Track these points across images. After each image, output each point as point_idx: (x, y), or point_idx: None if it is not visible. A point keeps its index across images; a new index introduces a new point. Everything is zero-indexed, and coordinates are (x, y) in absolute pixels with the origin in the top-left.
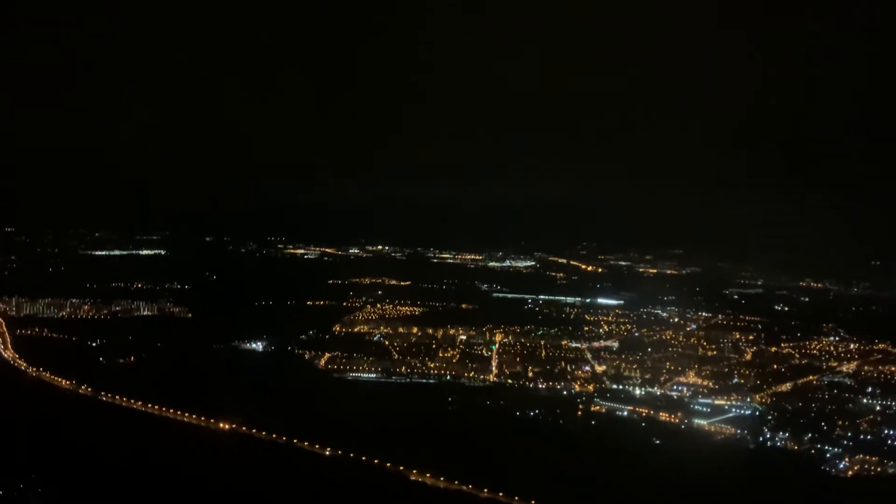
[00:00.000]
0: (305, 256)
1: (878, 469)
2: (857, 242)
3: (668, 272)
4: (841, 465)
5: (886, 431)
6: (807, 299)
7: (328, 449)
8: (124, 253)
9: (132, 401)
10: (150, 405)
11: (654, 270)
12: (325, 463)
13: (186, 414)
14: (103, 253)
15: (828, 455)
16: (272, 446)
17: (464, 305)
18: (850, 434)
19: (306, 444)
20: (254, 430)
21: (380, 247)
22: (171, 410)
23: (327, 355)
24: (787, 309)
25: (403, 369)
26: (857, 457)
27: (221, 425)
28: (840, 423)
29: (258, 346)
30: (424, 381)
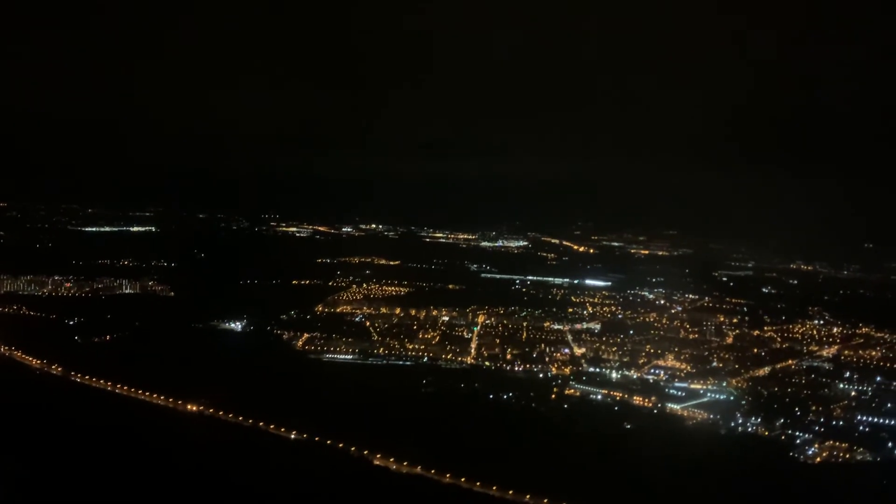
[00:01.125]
0: (297, 234)
1: (847, 456)
2: (851, 225)
3: (660, 253)
4: (810, 452)
5: (859, 417)
6: (795, 282)
7: (293, 432)
8: (114, 230)
9: (102, 381)
10: (118, 385)
11: (646, 252)
12: (289, 447)
13: (154, 395)
14: (93, 229)
15: (798, 441)
16: (237, 429)
17: (451, 286)
18: (822, 420)
19: (272, 426)
20: (220, 412)
21: (374, 225)
22: (140, 391)
23: (306, 336)
24: (774, 292)
25: (381, 350)
26: (827, 443)
27: (189, 407)
28: (814, 408)
29: (237, 325)
30: (401, 362)
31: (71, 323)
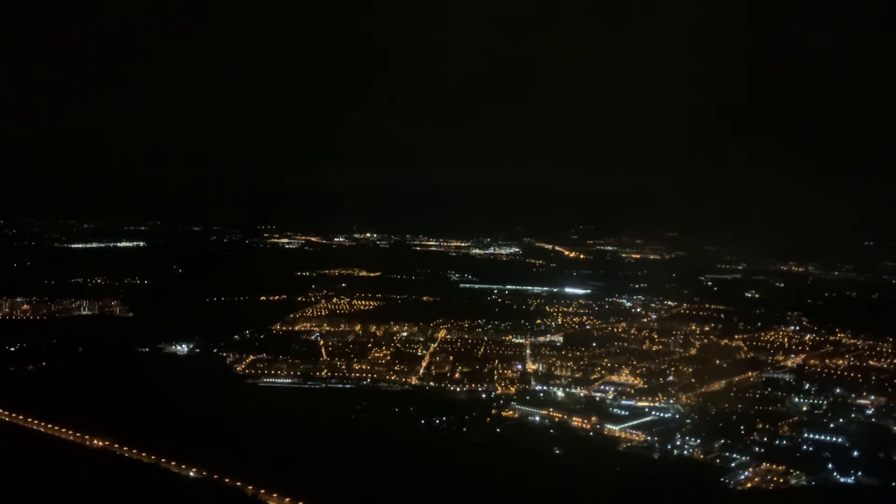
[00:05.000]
0: (287, 246)
1: (781, 480)
2: (853, 223)
3: (652, 257)
4: (742, 476)
5: (806, 435)
6: (782, 285)
7: (193, 469)
8: (101, 245)
9: (15, 414)
10: (30, 419)
11: (637, 256)
12: (185, 486)
13: (65, 429)
14: (80, 246)
15: (733, 464)
16: (135, 467)
17: (425, 298)
18: (765, 439)
19: (174, 463)
20: (125, 448)
21: (368, 234)
22: (52, 425)
23: (251, 358)
24: (757, 296)
25: (324, 373)
26: (762, 466)
27: (95, 442)
28: (760, 426)
29: (184, 348)
30: (341, 385)
31: (11, 349)
